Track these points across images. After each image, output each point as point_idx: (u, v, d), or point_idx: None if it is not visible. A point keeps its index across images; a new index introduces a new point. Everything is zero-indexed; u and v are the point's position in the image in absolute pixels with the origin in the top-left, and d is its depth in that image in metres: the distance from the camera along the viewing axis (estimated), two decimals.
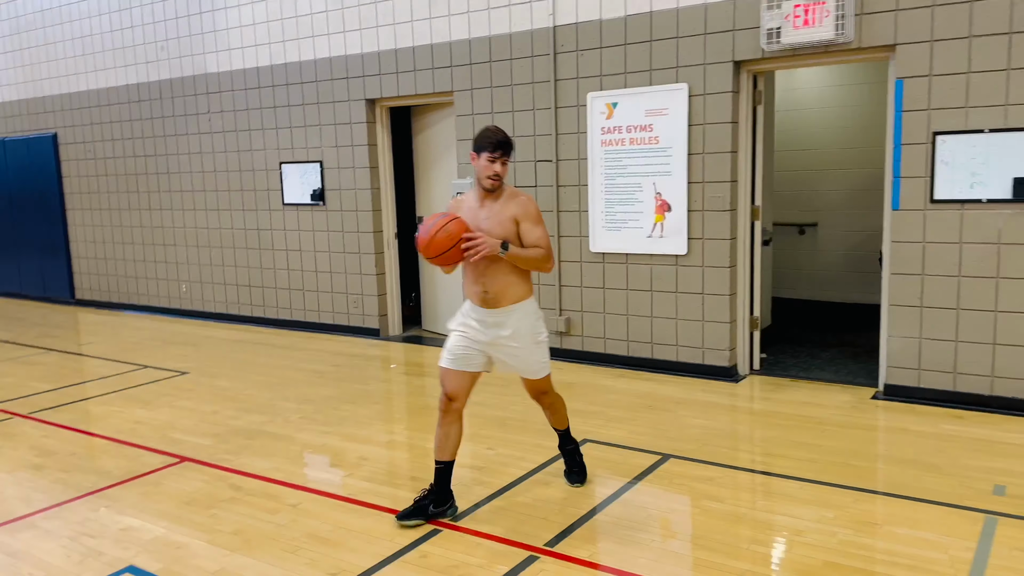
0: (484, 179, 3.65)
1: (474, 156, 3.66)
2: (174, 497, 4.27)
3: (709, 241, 6.05)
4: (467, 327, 3.80)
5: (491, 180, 3.64)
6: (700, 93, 5.94)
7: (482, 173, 3.65)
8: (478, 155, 3.64)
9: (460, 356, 3.80)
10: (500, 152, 3.62)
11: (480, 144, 3.64)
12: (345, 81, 7.82)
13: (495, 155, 3.62)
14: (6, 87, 11.06)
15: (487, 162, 3.63)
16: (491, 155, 3.61)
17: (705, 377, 6.16)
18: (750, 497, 4.04)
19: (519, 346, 3.80)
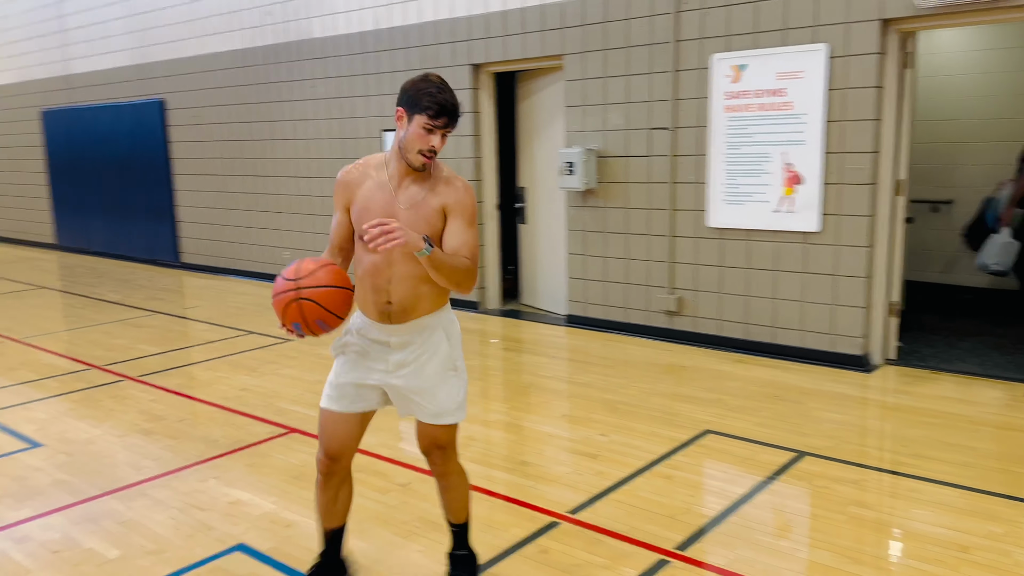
0: (414, 153, 2.52)
1: (402, 115, 2.53)
2: (282, 470, 4.15)
3: (845, 217, 5.53)
4: (359, 351, 2.72)
5: (424, 157, 2.53)
6: (841, 55, 5.39)
7: (413, 144, 2.51)
8: (409, 116, 2.51)
9: (348, 393, 2.73)
10: (444, 121, 2.50)
11: (415, 102, 2.49)
12: (450, 45, 7.56)
13: (436, 123, 2.49)
14: (117, 53, 11.29)
15: (423, 130, 2.49)
16: (430, 122, 2.48)
17: (834, 365, 5.68)
18: (903, 505, 3.62)
19: (429, 374, 2.70)
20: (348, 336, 2.74)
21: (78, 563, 3.27)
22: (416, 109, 2.48)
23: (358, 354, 2.72)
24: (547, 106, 7.38)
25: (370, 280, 2.64)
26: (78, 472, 4.19)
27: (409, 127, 2.51)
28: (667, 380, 5.55)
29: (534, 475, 4.01)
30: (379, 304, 2.65)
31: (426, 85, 2.49)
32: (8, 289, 9.89)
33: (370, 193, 2.60)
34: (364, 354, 2.71)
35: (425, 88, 2.48)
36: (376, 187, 2.60)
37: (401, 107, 2.53)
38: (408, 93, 2.52)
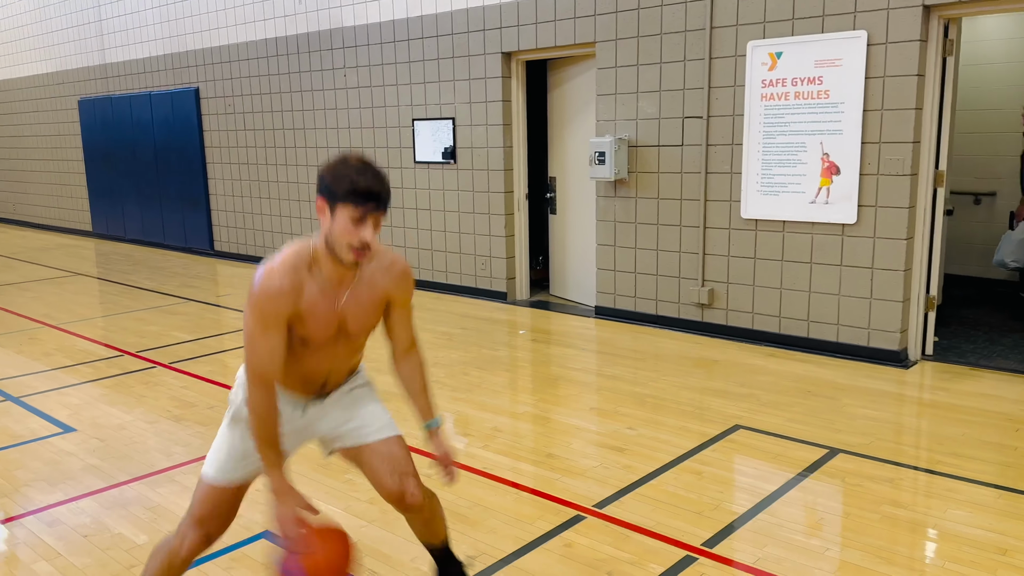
0: (344, 249, 2.15)
1: (322, 206, 2.15)
2: (309, 459, 4.14)
3: (883, 209, 5.40)
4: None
5: (358, 252, 2.16)
6: (881, 42, 5.25)
7: (341, 238, 2.13)
8: (331, 206, 2.13)
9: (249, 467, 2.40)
10: (375, 205, 2.11)
11: (334, 190, 2.11)
12: (481, 34, 7.50)
13: (364, 210, 2.10)
14: (153, 42, 11.40)
15: (351, 223, 2.11)
16: (359, 209, 2.10)
17: (869, 361, 5.55)
18: (939, 505, 3.52)
19: (357, 395, 2.56)
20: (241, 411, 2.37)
21: (107, 548, 3.31)
22: (336, 198, 2.10)
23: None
24: (579, 95, 7.30)
25: (304, 374, 2.38)
26: (109, 457, 4.24)
27: (333, 220, 2.13)
28: (697, 374, 5.47)
29: (560, 468, 3.97)
30: (311, 388, 2.45)
31: (344, 169, 2.11)
32: (45, 276, 10.08)
33: (312, 303, 2.22)
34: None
35: (343, 173, 2.10)
36: (316, 295, 2.22)
37: (320, 197, 2.15)
38: (325, 181, 2.13)
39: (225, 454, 2.41)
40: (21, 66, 14.38)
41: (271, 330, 2.19)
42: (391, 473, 2.46)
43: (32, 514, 3.63)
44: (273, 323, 2.19)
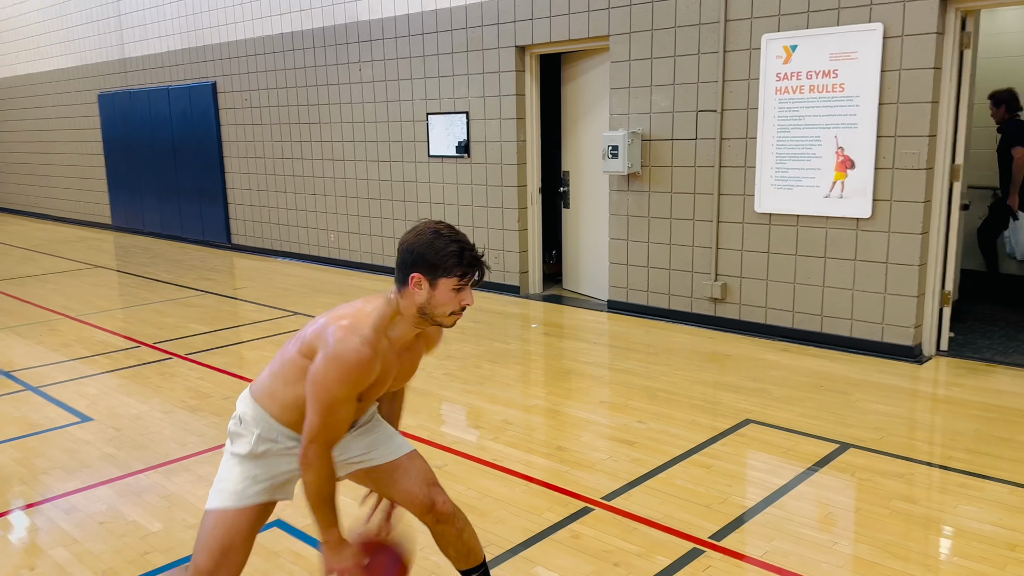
0: (444, 316, 2.17)
1: (420, 280, 2.13)
2: None
3: (898, 204, 5.36)
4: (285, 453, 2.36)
5: (459, 316, 2.20)
6: (897, 35, 5.20)
7: (443, 308, 2.16)
8: (431, 281, 2.13)
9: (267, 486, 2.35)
10: (479, 275, 2.16)
11: (436, 265, 2.11)
12: (495, 27, 7.51)
13: (468, 280, 2.15)
14: (171, 37, 11.49)
15: (455, 293, 2.14)
16: (461, 283, 2.13)
17: (883, 356, 5.52)
18: (952, 500, 3.50)
19: (376, 414, 2.58)
20: (254, 444, 2.32)
21: (122, 534, 3.36)
22: (439, 273, 2.11)
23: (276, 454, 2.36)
24: (592, 88, 7.30)
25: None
26: (125, 446, 4.30)
27: (434, 292, 2.13)
28: (709, 368, 5.46)
29: (570, 460, 3.99)
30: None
31: (443, 244, 2.11)
32: (65, 268, 10.21)
33: (385, 366, 2.22)
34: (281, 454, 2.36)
35: (444, 248, 2.10)
36: (388, 358, 2.22)
37: (417, 273, 2.12)
38: (424, 257, 2.11)
39: (237, 481, 2.31)
40: (42, 61, 14.54)
41: (354, 400, 2.17)
42: (421, 484, 2.46)
43: (49, 501, 3.69)
44: (357, 391, 2.16)
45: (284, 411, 2.31)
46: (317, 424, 2.13)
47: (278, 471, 2.35)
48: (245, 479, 2.31)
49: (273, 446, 2.33)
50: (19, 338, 6.65)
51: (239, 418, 2.37)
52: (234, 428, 2.37)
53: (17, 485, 3.86)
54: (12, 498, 3.72)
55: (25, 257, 11.12)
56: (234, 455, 2.35)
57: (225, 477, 2.34)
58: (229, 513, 2.27)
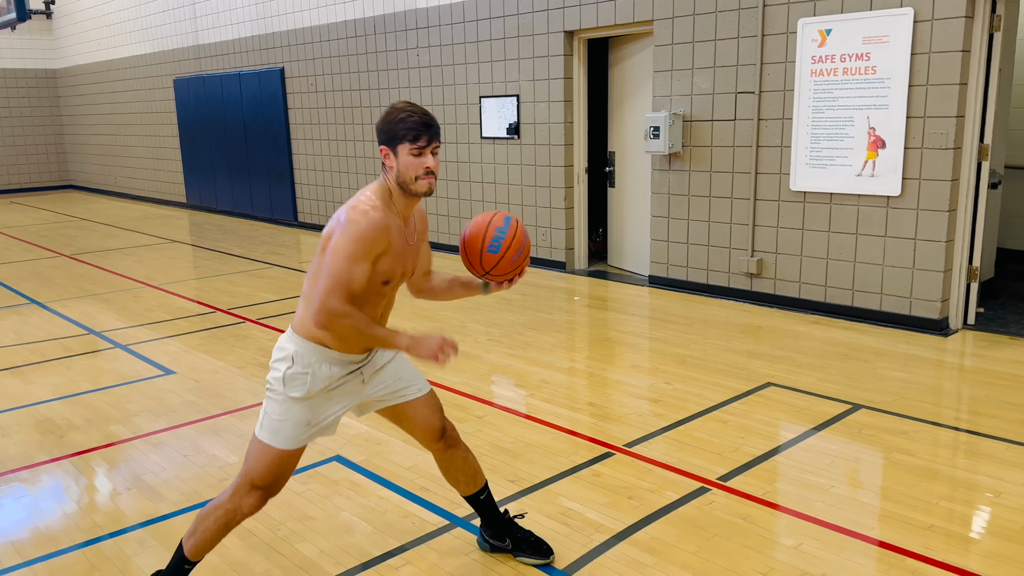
0: (416, 181, 2.44)
1: (387, 152, 2.45)
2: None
3: (927, 182, 5.55)
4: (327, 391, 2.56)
5: (427, 179, 2.45)
6: (927, 19, 5.38)
7: (410, 172, 2.43)
8: (393, 150, 2.44)
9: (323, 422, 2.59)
10: (427, 138, 2.43)
11: (392, 134, 2.43)
12: (545, 13, 7.84)
13: (421, 145, 2.42)
14: (242, 24, 12.13)
15: (412, 156, 2.42)
16: (415, 145, 2.41)
17: (911, 329, 5.74)
18: (947, 454, 3.78)
19: (399, 356, 2.77)
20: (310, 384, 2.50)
21: (204, 465, 3.89)
22: (396, 141, 2.42)
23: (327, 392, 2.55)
24: (638, 71, 7.58)
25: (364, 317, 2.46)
26: (204, 395, 4.86)
27: (399, 160, 2.43)
28: (741, 338, 5.76)
29: (597, 414, 4.38)
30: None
31: (396, 115, 2.43)
32: (146, 243, 10.98)
33: (398, 241, 2.48)
34: (332, 390, 2.56)
35: (396, 118, 2.42)
36: (398, 233, 2.48)
37: (383, 146, 2.46)
38: (383, 130, 2.45)
39: (292, 427, 2.51)
40: (122, 47, 15.42)
41: (366, 260, 2.37)
42: (436, 414, 2.79)
43: (140, 438, 4.25)
44: (371, 254, 2.37)
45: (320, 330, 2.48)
46: (331, 282, 2.32)
47: (329, 412, 2.56)
48: (299, 425, 2.52)
49: (328, 379, 2.51)
50: (107, 304, 7.33)
51: (291, 358, 2.49)
52: (286, 372, 2.49)
53: (113, 424, 4.43)
54: (108, 435, 4.30)
55: (108, 233, 11.96)
56: (290, 399, 2.50)
57: (282, 419, 2.51)
58: (285, 452, 2.54)
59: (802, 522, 3.18)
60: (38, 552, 3.13)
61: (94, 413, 4.59)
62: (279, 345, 2.56)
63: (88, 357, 5.71)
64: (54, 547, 3.16)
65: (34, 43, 17.67)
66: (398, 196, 2.50)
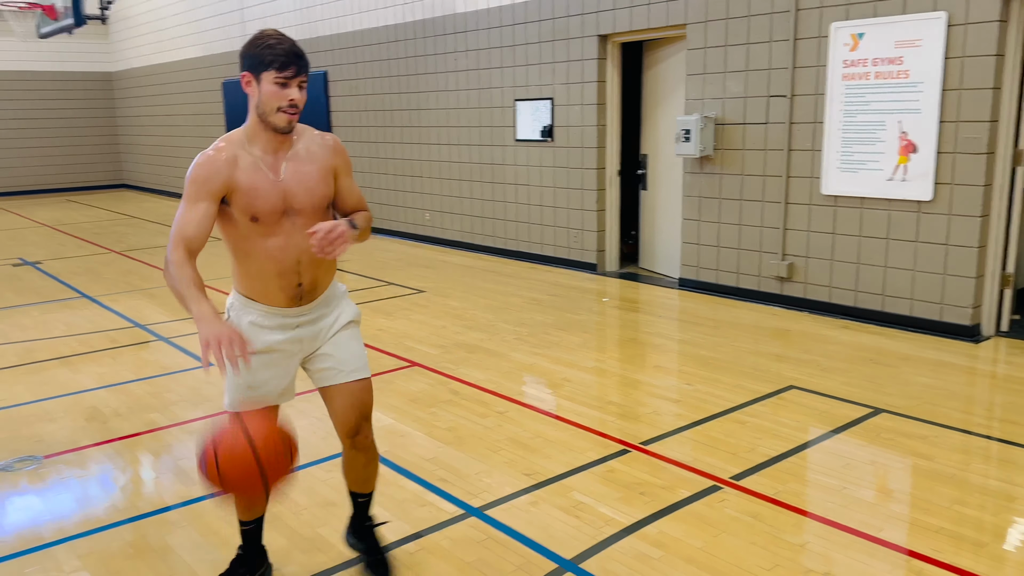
0: (275, 114, 2.34)
1: (249, 79, 2.34)
2: (402, 394, 4.82)
3: (959, 187, 5.51)
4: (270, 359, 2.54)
5: (287, 114, 2.35)
6: (961, 23, 5.34)
7: (270, 104, 2.33)
8: (256, 77, 2.32)
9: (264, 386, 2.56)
10: (294, 70, 2.31)
11: (257, 60, 2.31)
12: (580, 18, 7.93)
13: (286, 75, 2.31)
14: (288, 29, 12.43)
15: (278, 88, 2.31)
16: (280, 75, 2.30)
17: (941, 335, 5.69)
18: (964, 459, 3.77)
19: (345, 335, 2.67)
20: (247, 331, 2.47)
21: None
22: (261, 67, 2.31)
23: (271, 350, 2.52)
24: (671, 75, 7.63)
25: (274, 266, 2.46)
26: None
27: (261, 89, 2.33)
28: (767, 342, 5.78)
29: (616, 412, 4.46)
30: (288, 288, 2.51)
31: (263, 39, 2.31)
32: None
33: (250, 174, 2.36)
34: (269, 354, 2.52)
35: (263, 42, 2.30)
36: (252, 167, 2.37)
37: (246, 72, 2.34)
38: (249, 55, 2.33)
39: (233, 387, 2.56)
40: (173, 51, 15.91)
41: (201, 200, 2.34)
42: (355, 412, 2.64)
43: (177, 425, 4.45)
44: (204, 192, 2.33)
45: (239, 280, 2.53)
46: (173, 230, 2.36)
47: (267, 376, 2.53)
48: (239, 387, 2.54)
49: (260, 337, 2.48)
50: (153, 298, 7.61)
51: (228, 311, 2.56)
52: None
53: (152, 412, 4.65)
54: (148, 422, 4.50)
55: (157, 230, 12.36)
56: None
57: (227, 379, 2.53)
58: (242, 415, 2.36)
59: (811, 521, 3.22)
60: (78, 529, 3.32)
61: (136, 401, 4.81)
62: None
63: (133, 349, 5.96)
64: (94, 525, 3.35)
65: (90, 47, 18.32)
66: (259, 130, 2.40)
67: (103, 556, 3.11)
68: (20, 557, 3.12)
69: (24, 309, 7.25)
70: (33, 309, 7.24)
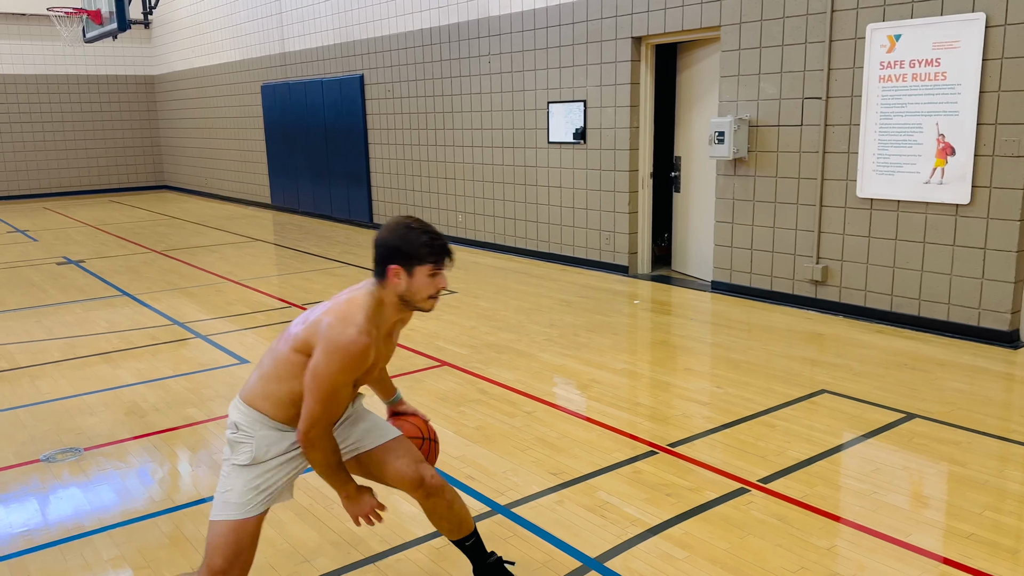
0: (425, 301, 2.43)
1: (398, 271, 2.38)
2: (432, 393, 4.88)
3: (997, 190, 5.41)
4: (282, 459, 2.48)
5: (436, 299, 2.46)
6: (1000, 23, 5.25)
7: (422, 293, 2.41)
8: (408, 270, 2.38)
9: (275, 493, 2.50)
10: (449, 260, 2.43)
11: (411, 255, 2.37)
12: (613, 20, 7.94)
13: (442, 267, 2.42)
14: (325, 32, 12.62)
15: (431, 279, 2.40)
16: (436, 268, 2.40)
17: (979, 340, 5.59)
18: (998, 466, 3.71)
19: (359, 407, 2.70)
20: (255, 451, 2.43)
21: None
22: (415, 262, 2.37)
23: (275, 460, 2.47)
24: (705, 77, 7.60)
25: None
26: None
27: (412, 280, 2.39)
28: (800, 345, 5.73)
29: (644, 414, 4.46)
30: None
31: (415, 236, 2.39)
32: (230, 241, 11.54)
33: (377, 351, 2.43)
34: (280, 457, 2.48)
35: (416, 240, 2.38)
36: (377, 345, 2.42)
37: (395, 265, 2.38)
38: (400, 249, 2.38)
39: (240, 493, 2.43)
40: (214, 55, 16.22)
41: (351, 384, 2.38)
42: (410, 462, 2.60)
43: (212, 420, 4.56)
44: (355, 376, 2.38)
45: (280, 408, 2.43)
46: (318, 410, 2.31)
47: (278, 478, 2.47)
48: (248, 491, 2.43)
49: (274, 447, 2.44)
50: (191, 297, 7.78)
51: (235, 426, 2.47)
52: (232, 437, 2.48)
53: (189, 408, 4.76)
54: (185, 416, 4.62)
55: (196, 231, 12.61)
56: (235, 466, 2.45)
57: (229, 488, 2.44)
58: (237, 523, 2.42)
59: (838, 525, 3.20)
60: (116, 519, 3.42)
61: (173, 397, 4.93)
62: (229, 411, 2.54)
63: (171, 346, 6.11)
64: (131, 515, 3.46)
65: (134, 51, 18.75)
66: (393, 309, 2.44)
67: (140, 545, 3.21)
68: (61, 545, 3.23)
69: (68, 306, 7.46)
70: (76, 306, 7.45)
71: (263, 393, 2.44)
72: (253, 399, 2.46)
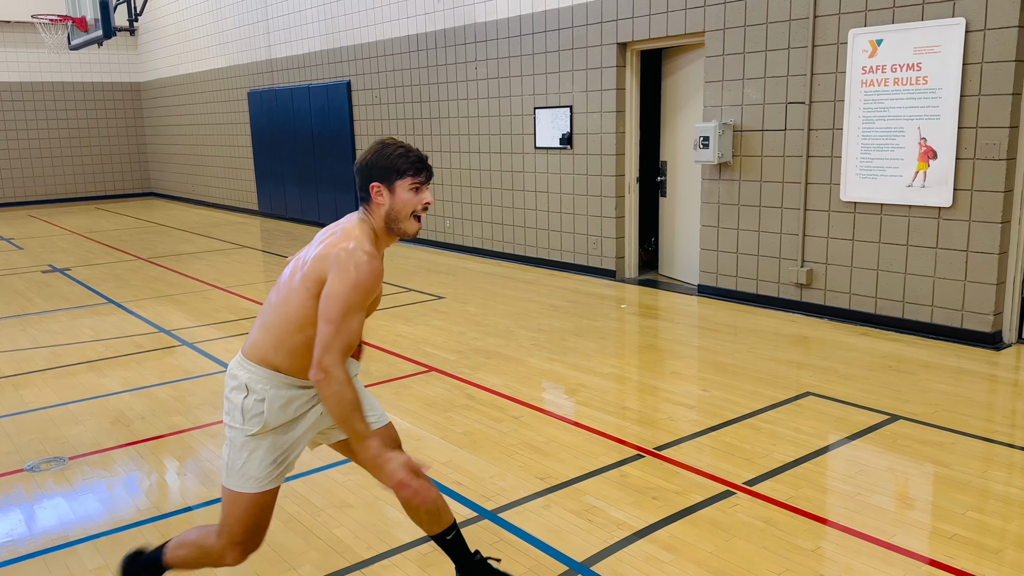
0: (409, 220, 2.41)
1: (380, 189, 2.37)
2: (420, 399, 4.88)
3: (979, 193, 5.47)
4: (293, 425, 2.43)
5: (418, 220, 2.43)
6: (979, 28, 5.31)
7: (405, 209, 2.39)
8: (388, 186, 2.37)
9: (292, 462, 2.48)
10: (428, 173, 2.42)
11: (390, 169, 2.36)
12: (599, 26, 7.97)
13: (422, 178, 2.40)
14: (312, 39, 12.61)
15: (413, 193, 2.39)
16: (416, 180, 2.38)
17: (962, 342, 5.64)
18: (981, 466, 3.75)
19: (359, 382, 2.62)
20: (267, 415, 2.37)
21: None
22: (395, 175, 2.36)
23: (287, 425, 2.42)
24: (690, 82, 7.64)
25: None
26: None
27: (394, 197, 2.37)
28: (786, 348, 5.76)
29: (631, 418, 4.48)
30: None
31: (392, 151, 2.38)
32: (217, 248, 11.50)
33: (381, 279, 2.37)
34: (292, 422, 2.43)
35: (393, 153, 2.37)
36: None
37: (376, 183, 2.37)
38: (379, 166, 2.37)
39: (257, 466, 2.38)
40: (200, 61, 16.18)
41: (363, 310, 2.29)
42: (393, 447, 2.53)
43: (198, 428, 4.54)
44: (367, 303, 2.29)
45: (294, 358, 2.34)
46: (332, 333, 2.20)
47: (291, 445, 2.42)
48: (265, 465, 2.38)
49: (287, 409, 2.38)
50: (178, 304, 7.75)
51: (245, 387, 2.36)
52: (242, 401, 2.36)
53: (175, 415, 4.74)
54: (171, 424, 4.60)
55: (183, 237, 12.56)
56: (248, 437, 2.36)
57: (244, 462, 2.37)
58: (258, 495, 2.40)
59: (823, 527, 3.23)
60: (101, 529, 3.40)
61: (159, 405, 4.91)
62: (230, 372, 2.42)
63: (157, 353, 6.08)
64: (116, 524, 3.44)
65: (119, 58, 18.68)
66: (383, 237, 2.42)
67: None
68: (45, 555, 3.21)
69: (53, 315, 7.41)
70: (62, 314, 7.40)
71: (275, 343, 2.34)
72: (264, 353, 2.35)
